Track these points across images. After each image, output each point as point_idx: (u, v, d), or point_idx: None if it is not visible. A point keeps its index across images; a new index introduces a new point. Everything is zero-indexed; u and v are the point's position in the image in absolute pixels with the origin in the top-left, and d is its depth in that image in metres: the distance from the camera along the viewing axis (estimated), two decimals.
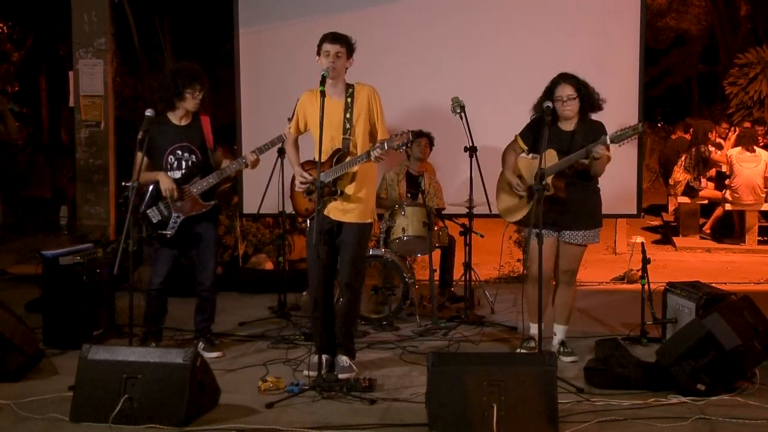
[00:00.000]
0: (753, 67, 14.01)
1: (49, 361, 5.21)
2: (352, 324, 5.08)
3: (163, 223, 5.31)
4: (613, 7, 6.95)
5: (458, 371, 3.99)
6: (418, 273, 6.76)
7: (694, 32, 22.04)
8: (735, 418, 4.11)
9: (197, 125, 5.41)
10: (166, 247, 5.36)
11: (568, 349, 5.25)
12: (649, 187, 15.04)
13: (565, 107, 5.05)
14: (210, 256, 5.45)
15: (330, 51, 4.74)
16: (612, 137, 4.82)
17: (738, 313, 4.62)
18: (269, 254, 8.23)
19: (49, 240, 9.22)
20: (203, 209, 5.36)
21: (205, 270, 5.45)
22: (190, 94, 5.31)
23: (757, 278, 8.22)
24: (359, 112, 4.83)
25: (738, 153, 10.27)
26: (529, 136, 5.23)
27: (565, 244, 5.19)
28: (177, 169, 5.34)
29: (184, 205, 5.32)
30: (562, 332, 5.32)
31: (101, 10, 8.40)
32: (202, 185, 5.33)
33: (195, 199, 5.34)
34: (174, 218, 5.32)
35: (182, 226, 5.33)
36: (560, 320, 5.32)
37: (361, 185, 4.86)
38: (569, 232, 5.16)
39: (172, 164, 5.34)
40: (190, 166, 5.35)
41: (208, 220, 5.44)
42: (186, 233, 5.38)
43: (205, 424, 4.11)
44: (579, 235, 5.17)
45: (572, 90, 5.05)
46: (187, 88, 5.29)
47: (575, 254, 5.22)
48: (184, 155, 5.35)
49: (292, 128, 5.03)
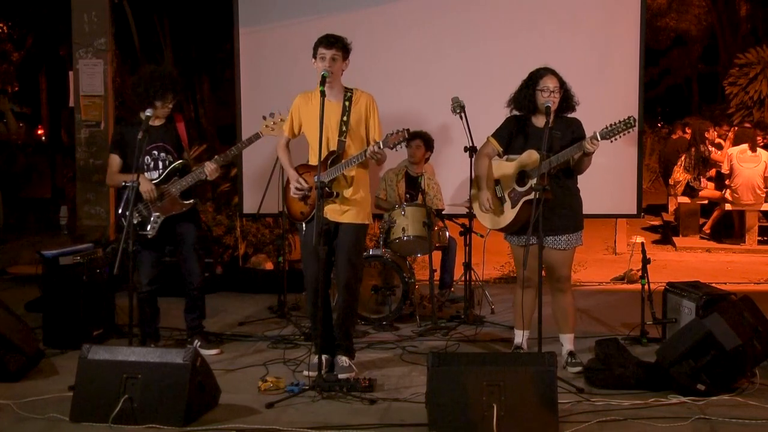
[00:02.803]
0: (753, 67, 14.04)
1: (49, 361, 5.21)
2: (351, 324, 5.08)
3: (143, 224, 5.29)
4: (613, 7, 6.95)
5: (458, 371, 3.98)
6: (418, 273, 6.76)
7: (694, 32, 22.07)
8: (735, 418, 4.10)
9: (171, 126, 5.42)
10: (147, 248, 5.33)
11: (576, 359, 5.02)
12: (649, 187, 15.05)
13: (551, 98, 4.87)
14: (194, 256, 5.44)
15: (326, 55, 4.74)
16: (602, 133, 4.71)
17: (738, 313, 4.61)
18: (269, 254, 8.23)
19: (49, 240, 9.21)
20: (183, 209, 5.36)
21: (192, 271, 5.45)
22: (161, 104, 5.30)
23: (757, 278, 8.23)
24: (356, 116, 4.84)
25: (738, 153, 10.28)
26: (504, 136, 5.08)
27: (550, 250, 4.96)
28: (154, 170, 5.35)
29: (163, 205, 5.32)
30: (569, 341, 5.12)
31: (101, 10, 8.39)
32: (180, 185, 5.33)
33: (174, 198, 5.33)
34: (154, 218, 5.31)
35: (163, 226, 5.33)
36: (564, 329, 5.13)
37: (357, 187, 4.87)
38: (552, 237, 4.95)
39: (149, 164, 5.33)
40: (167, 166, 5.35)
41: (189, 221, 5.43)
42: (167, 234, 5.37)
43: (205, 424, 4.11)
44: (562, 240, 5.00)
45: (557, 83, 4.93)
46: (158, 99, 5.28)
47: (561, 259, 5.03)
48: (161, 155, 5.36)
49: (285, 131, 5.02)
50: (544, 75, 4.95)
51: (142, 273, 5.37)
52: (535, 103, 4.95)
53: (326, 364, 4.79)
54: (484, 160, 5.11)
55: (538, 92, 4.93)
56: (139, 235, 5.25)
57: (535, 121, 5.03)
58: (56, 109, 16.65)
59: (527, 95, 4.97)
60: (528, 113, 5.02)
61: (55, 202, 10.97)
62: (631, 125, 4.68)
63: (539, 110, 4.95)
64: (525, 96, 4.99)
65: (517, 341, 5.25)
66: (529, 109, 4.99)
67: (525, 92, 4.99)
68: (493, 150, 5.11)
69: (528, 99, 4.97)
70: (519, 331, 5.24)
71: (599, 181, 6.03)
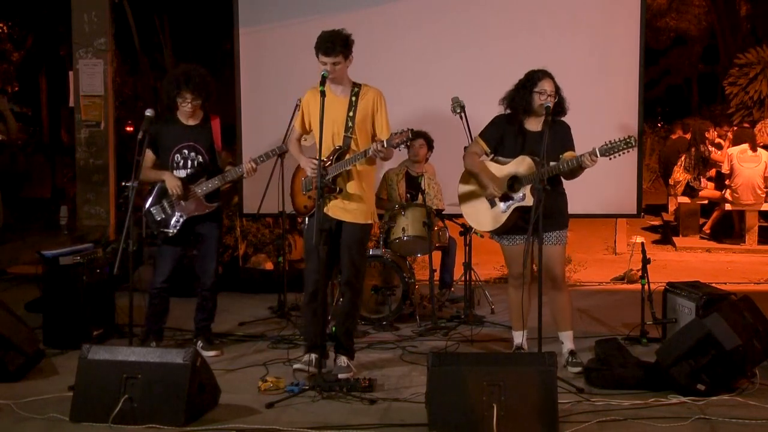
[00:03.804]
0: (753, 67, 14.04)
1: (49, 361, 5.21)
2: (353, 323, 5.08)
3: (165, 221, 5.32)
4: (613, 7, 6.94)
5: (458, 371, 3.99)
6: (418, 273, 6.76)
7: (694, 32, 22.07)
8: (735, 418, 4.11)
9: (206, 126, 5.42)
10: (168, 245, 5.37)
11: (576, 359, 4.99)
12: (649, 187, 15.04)
13: (548, 101, 4.85)
14: (212, 257, 5.46)
15: (327, 62, 4.73)
16: (601, 150, 4.67)
17: (738, 313, 4.61)
18: (269, 254, 8.23)
19: (49, 240, 9.21)
20: (207, 210, 5.37)
21: (207, 270, 5.46)
22: (181, 102, 5.31)
23: (757, 278, 8.22)
24: (363, 112, 4.83)
25: (739, 152, 10.27)
26: (493, 137, 5.06)
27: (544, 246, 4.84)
28: (182, 168, 5.36)
29: (187, 205, 5.33)
30: (569, 338, 5.11)
31: (101, 10, 8.39)
32: (207, 186, 5.33)
33: (199, 199, 5.34)
34: (177, 217, 5.33)
35: (185, 226, 5.34)
36: (563, 326, 5.12)
37: (362, 185, 4.86)
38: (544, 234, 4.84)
39: (178, 163, 5.35)
40: (196, 167, 5.36)
41: (212, 221, 5.44)
42: (189, 233, 5.39)
43: (205, 424, 4.11)
44: (553, 236, 4.98)
45: (554, 87, 4.91)
46: (178, 97, 5.30)
47: (555, 256, 4.98)
48: (190, 155, 5.36)
49: (296, 125, 5.05)
50: (542, 78, 4.94)
51: (159, 270, 5.38)
52: (531, 104, 4.93)
53: (314, 363, 4.74)
54: (475, 158, 5.10)
55: (535, 94, 4.91)
56: (161, 232, 5.31)
57: (527, 124, 5.02)
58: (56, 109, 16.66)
59: (523, 96, 4.95)
60: (521, 114, 5.00)
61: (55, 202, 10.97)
62: (631, 145, 4.64)
63: (534, 112, 4.95)
64: (521, 96, 4.97)
65: (518, 342, 5.25)
66: (524, 110, 4.98)
67: (521, 92, 4.97)
68: (480, 150, 5.11)
69: (524, 100, 4.95)
70: (518, 332, 5.24)
71: (599, 181, 6.03)
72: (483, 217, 5.12)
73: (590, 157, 4.70)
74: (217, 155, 5.43)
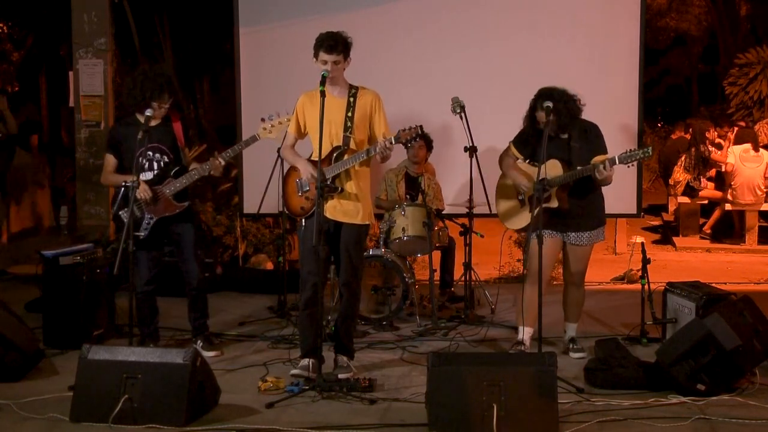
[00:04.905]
0: (753, 67, 14.03)
1: (49, 361, 5.21)
2: (352, 324, 5.08)
3: (136, 224, 5.22)
4: (613, 7, 6.94)
5: (458, 371, 3.99)
6: (418, 273, 6.76)
7: (694, 32, 22.07)
8: (735, 418, 4.11)
9: (167, 126, 5.38)
10: (141, 249, 5.26)
11: (577, 345, 5.33)
12: (649, 187, 15.03)
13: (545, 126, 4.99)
14: (191, 257, 5.42)
15: (327, 60, 4.73)
16: (620, 158, 4.81)
17: (738, 313, 4.61)
18: (269, 254, 8.23)
19: (49, 240, 9.21)
20: (177, 210, 5.34)
21: (190, 271, 5.44)
22: (159, 104, 5.26)
23: (757, 278, 8.22)
24: (361, 112, 4.83)
25: (741, 152, 10.27)
26: (526, 145, 5.24)
27: (571, 246, 5.22)
28: (149, 170, 5.32)
29: (157, 207, 5.31)
30: (573, 330, 5.44)
31: (101, 10, 8.40)
32: (174, 186, 5.30)
33: (168, 200, 5.31)
34: (147, 219, 5.30)
35: (157, 227, 5.32)
36: (572, 318, 5.44)
37: (360, 187, 4.86)
38: (575, 234, 5.18)
39: (143, 165, 5.28)
40: (162, 167, 5.33)
41: (185, 221, 5.41)
42: (163, 234, 5.37)
43: (205, 424, 4.11)
44: (585, 236, 5.20)
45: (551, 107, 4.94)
46: (154, 100, 5.23)
47: (582, 255, 5.27)
48: (155, 156, 5.33)
49: (291, 131, 4.98)
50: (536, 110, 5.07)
51: (139, 274, 5.33)
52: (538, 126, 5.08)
53: (313, 368, 4.71)
54: (509, 160, 5.34)
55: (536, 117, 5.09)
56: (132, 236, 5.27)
57: None
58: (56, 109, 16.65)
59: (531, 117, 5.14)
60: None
61: (56, 202, 10.96)
62: (648, 155, 4.82)
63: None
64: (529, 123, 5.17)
65: (520, 337, 5.27)
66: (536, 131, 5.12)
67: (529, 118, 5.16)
68: (513, 157, 5.32)
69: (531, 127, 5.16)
70: (528, 328, 5.26)
71: None
72: (514, 215, 5.39)
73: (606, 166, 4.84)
74: (183, 154, 5.40)
